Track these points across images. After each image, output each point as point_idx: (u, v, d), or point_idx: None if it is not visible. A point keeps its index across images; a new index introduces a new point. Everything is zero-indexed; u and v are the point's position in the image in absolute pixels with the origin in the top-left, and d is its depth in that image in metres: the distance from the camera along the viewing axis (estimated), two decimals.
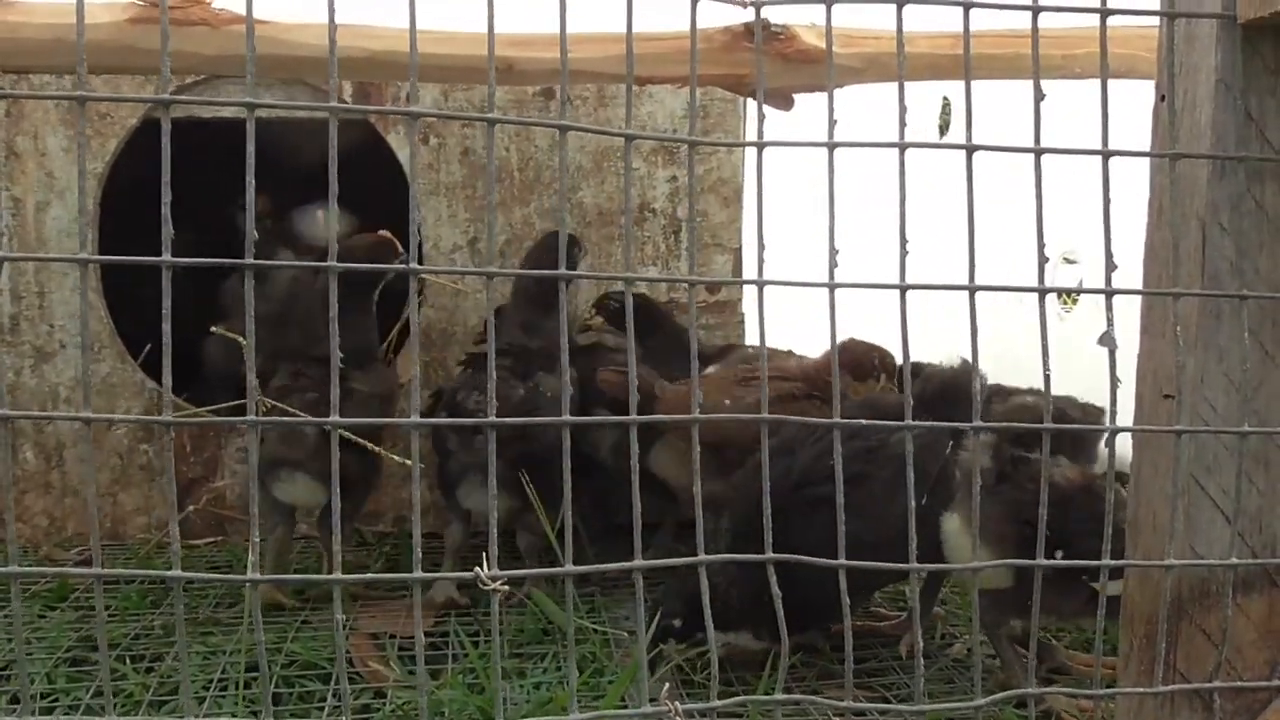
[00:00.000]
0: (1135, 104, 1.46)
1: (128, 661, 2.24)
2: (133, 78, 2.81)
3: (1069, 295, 3.45)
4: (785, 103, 2.55)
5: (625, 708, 2.05)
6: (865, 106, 3.08)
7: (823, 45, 2.39)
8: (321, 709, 2.06)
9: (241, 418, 0.86)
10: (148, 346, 2.89)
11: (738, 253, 3.28)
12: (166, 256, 0.84)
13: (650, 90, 3.11)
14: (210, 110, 2.87)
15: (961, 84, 1.15)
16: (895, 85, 1.16)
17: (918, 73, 2.47)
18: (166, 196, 0.84)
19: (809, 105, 2.64)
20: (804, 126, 2.61)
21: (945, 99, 4.15)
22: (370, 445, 2.23)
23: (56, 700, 2.08)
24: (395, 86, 2.95)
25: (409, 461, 1.03)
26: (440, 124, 3.04)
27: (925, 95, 4.06)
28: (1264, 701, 1.20)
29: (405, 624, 2.45)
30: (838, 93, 1.25)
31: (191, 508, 3.01)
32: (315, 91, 2.85)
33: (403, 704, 2.04)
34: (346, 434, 2.15)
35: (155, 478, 3.03)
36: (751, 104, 3.08)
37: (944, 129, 4.14)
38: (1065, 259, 3.35)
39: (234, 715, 1.99)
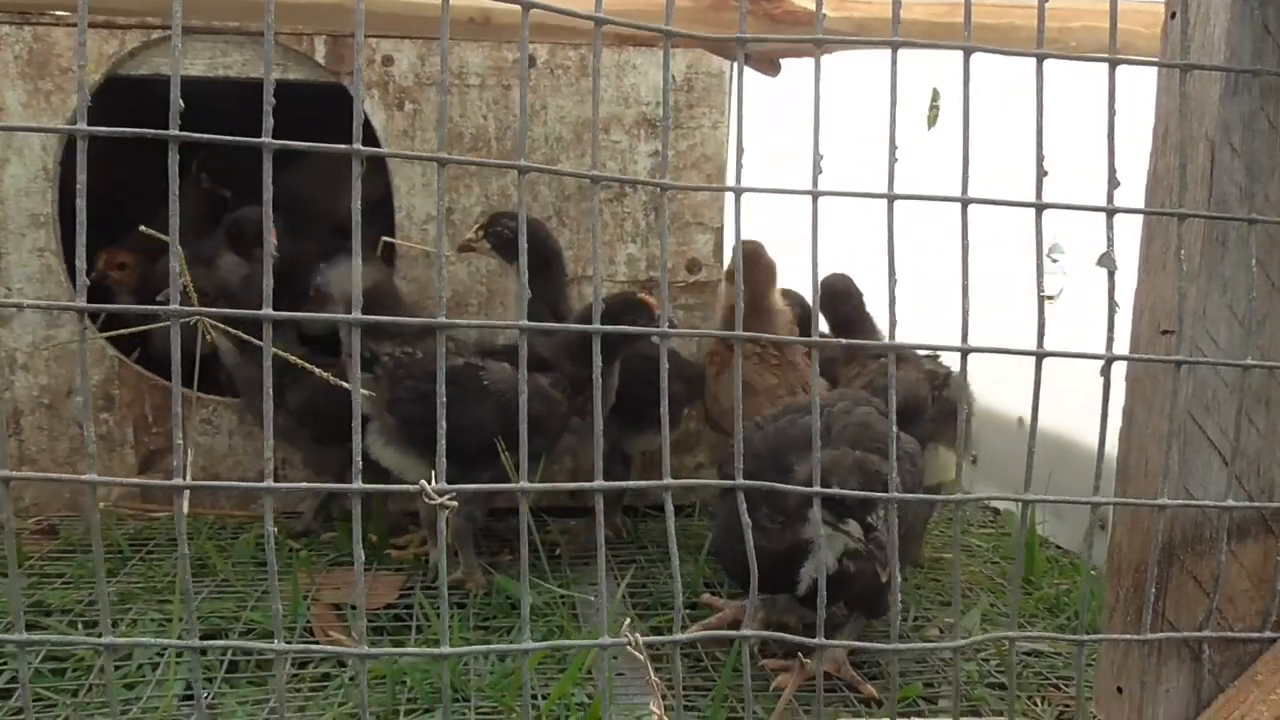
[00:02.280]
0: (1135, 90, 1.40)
1: (80, 628, 2.17)
2: (96, 32, 2.73)
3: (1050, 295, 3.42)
4: (771, 68, 2.49)
5: (590, 676, 2.00)
6: (853, 79, 3.03)
7: (811, 6, 2.36)
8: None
9: (164, 307, 0.79)
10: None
11: (719, 232, 3.21)
12: (82, 125, 0.77)
13: (634, 62, 3.06)
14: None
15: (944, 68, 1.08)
16: (883, 56, 1.10)
17: (911, 38, 2.41)
18: (81, 59, 0.76)
19: (795, 73, 2.58)
20: (789, 94, 2.56)
21: (935, 90, 4.11)
22: (296, 360, 2.15)
23: (5, 664, 2.00)
24: (370, 49, 2.88)
25: (345, 384, 0.99)
26: (417, 90, 2.96)
27: (914, 83, 4.02)
28: (1254, 654, 1.14)
29: (367, 595, 2.39)
30: (824, 60, 1.19)
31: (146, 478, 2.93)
32: (285, 50, 2.77)
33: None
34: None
35: (116, 447, 2.95)
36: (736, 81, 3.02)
37: (932, 121, 4.10)
38: (1051, 252, 3.31)
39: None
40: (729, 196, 3.24)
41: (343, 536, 2.75)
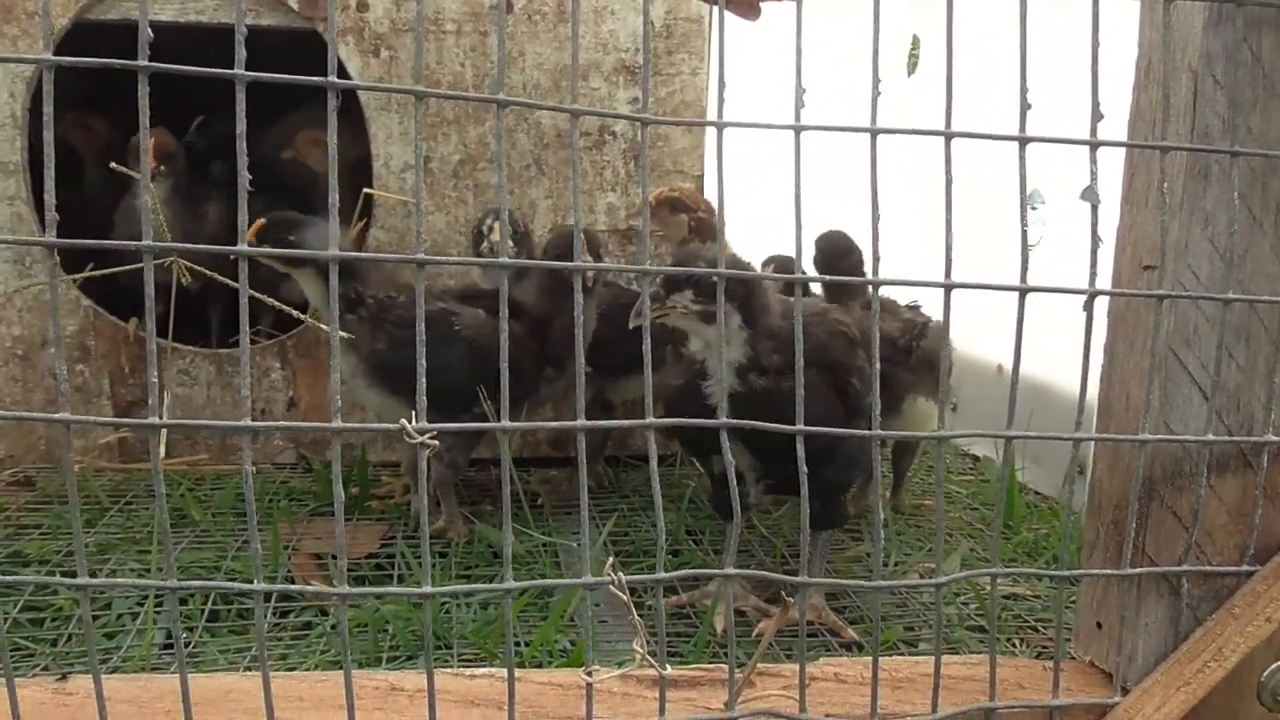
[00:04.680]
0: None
1: (58, 576, 2.16)
2: None
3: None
4: (751, 11, 2.45)
5: (573, 624, 2.01)
6: (832, 23, 3.00)
7: None
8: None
9: (138, 243, 0.77)
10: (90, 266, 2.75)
11: (700, 180, 3.19)
12: (47, 55, 0.75)
13: (612, 8, 3.02)
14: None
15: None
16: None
17: None
18: None
19: (777, 18, 2.55)
20: (771, 38, 2.53)
21: (915, 36, 4.08)
22: (271, 301, 2.16)
23: None
24: None
25: (321, 325, 0.97)
26: (392, 36, 2.92)
27: (893, 30, 3.99)
28: (1232, 587, 1.15)
29: (348, 545, 2.39)
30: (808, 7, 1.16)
31: (127, 434, 2.91)
32: None
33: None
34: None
35: (92, 398, 2.92)
36: (717, 22, 2.99)
37: (912, 68, 4.07)
38: (1031, 199, 3.29)
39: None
40: (709, 147, 3.25)
41: (323, 487, 2.74)
